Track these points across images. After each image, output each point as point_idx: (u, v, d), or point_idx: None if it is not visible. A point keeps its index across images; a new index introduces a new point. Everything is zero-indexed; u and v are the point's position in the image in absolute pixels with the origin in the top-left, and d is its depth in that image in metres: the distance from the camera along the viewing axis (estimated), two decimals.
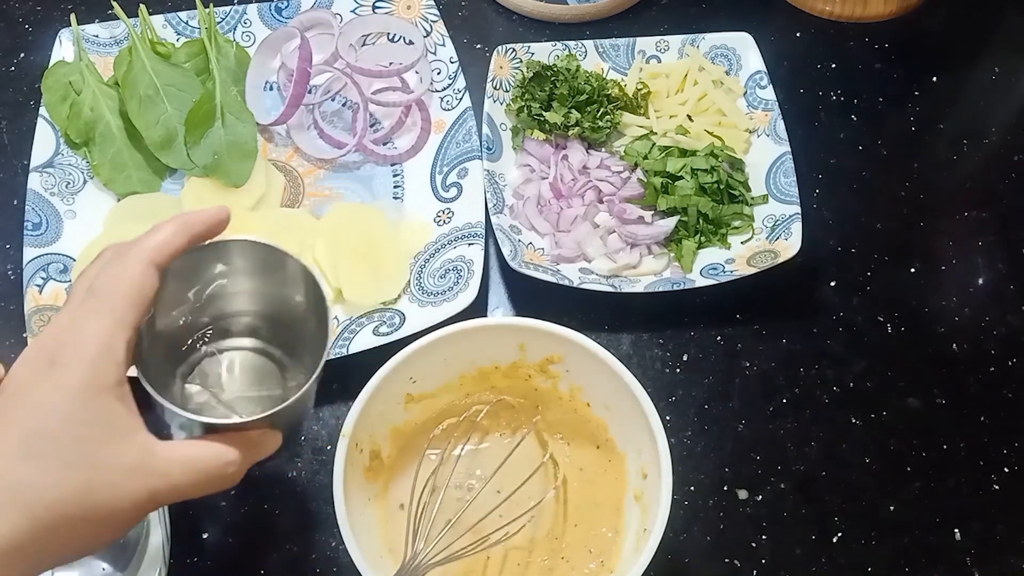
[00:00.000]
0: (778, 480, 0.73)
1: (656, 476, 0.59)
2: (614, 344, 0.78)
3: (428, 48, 0.89)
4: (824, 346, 0.78)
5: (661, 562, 0.57)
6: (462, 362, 0.66)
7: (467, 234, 0.79)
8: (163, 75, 0.85)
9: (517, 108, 0.85)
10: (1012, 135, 0.90)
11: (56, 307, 0.76)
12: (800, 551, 0.70)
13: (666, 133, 0.85)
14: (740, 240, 0.81)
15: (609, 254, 0.80)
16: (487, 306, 0.80)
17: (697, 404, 0.76)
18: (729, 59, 0.89)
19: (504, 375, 0.68)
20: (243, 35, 0.91)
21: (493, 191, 0.81)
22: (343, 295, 0.78)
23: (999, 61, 0.95)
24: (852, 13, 0.97)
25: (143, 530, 0.66)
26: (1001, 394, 0.76)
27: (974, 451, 0.74)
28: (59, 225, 0.81)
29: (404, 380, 0.63)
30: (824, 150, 0.89)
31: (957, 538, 0.70)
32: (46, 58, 0.88)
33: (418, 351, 0.62)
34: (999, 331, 0.79)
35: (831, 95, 0.92)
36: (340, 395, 0.76)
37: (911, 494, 0.72)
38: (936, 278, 0.82)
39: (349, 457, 0.58)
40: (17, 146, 0.88)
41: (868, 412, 0.75)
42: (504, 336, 0.64)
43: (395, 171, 0.86)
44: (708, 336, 0.79)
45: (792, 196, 0.80)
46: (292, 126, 0.88)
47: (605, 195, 0.83)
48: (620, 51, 0.90)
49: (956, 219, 0.86)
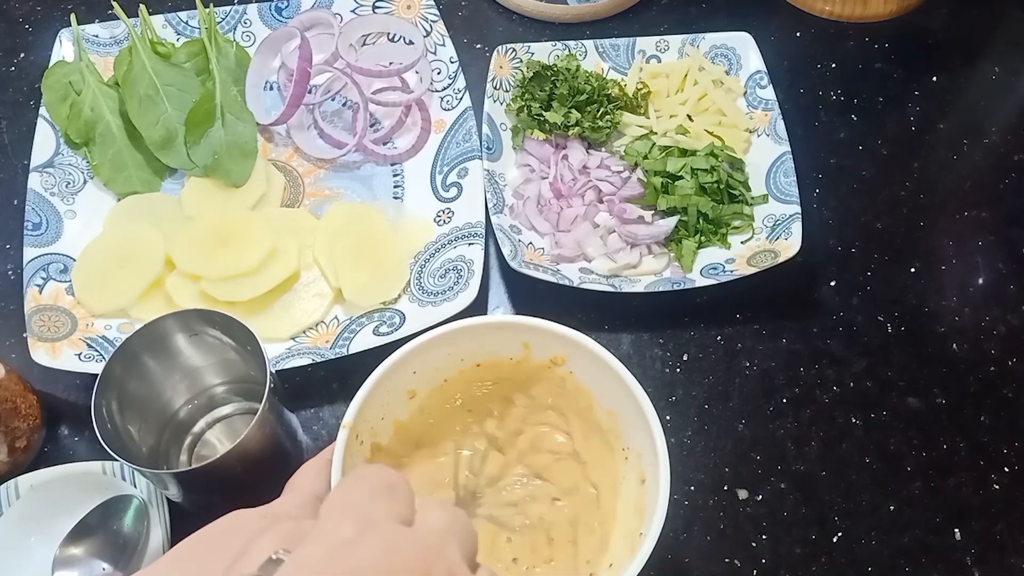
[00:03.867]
0: (778, 480, 0.73)
1: (655, 476, 0.59)
2: (614, 344, 0.78)
3: (428, 48, 0.89)
4: (824, 346, 0.78)
5: (661, 562, 0.57)
6: (467, 359, 0.66)
7: (467, 234, 0.79)
8: (163, 75, 0.85)
9: (517, 108, 0.85)
10: (1012, 135, 0.90)
11: (56, 307, 0.76)
12: (800, 551, 0.70)
13: (666, 133, 0.85)
14: (740, 240, 0.81)
15: (609, 254, 0.80)
16: (487, 306, 0.80)
17: (697, 404, 0.76)
18: (729, 59, 0.89)
19: (508, 373, 0.68)
20: (243, 35, 0.91)
21: (493, 191, 0.81)
22: (343, 295, 0.78)
23: (999, 61, 0.95)
24: (852, 13, 0.97)
25: (143, 530, 0.66)
26: (1001, 394, 0.76)
27: (974, 451, 0.74)
28: (59, 225, 0.81)
29: (407, 374, 0.63)
30: (824, 150, 0.89)
31: (957, 538, 0.70)
32: (46, 58, 0.88)
33: (423, 346, 0.62)
34: (999, 331, 0.79)
35: (831, 95, 0.92)
36: (340, 395, 0.76)
37: (911, 494, 0.72)
38: (936, 278, 0.82)
39: (349, 448, 0.58)
40: (17, 146, 0.88)
41: (868, 412, 0.75)
42: (510, 335, 0.64)
43: (395, 171, 0.86)
44: (708, 336, 0.79)
45: (792, 196, 0.80)
46: (292, 126, 0.88)
47: (605, 195, 0.83)
48: (620, 51, 0.90)
49: (956, 219, 0.86)
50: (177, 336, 0.67)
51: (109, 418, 0.62)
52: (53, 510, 0.67)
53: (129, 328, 0.75)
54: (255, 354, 0.64)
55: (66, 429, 0.75)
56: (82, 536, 0.66)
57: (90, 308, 0.77)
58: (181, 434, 0.72)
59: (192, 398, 0.72)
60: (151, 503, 0.67)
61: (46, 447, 0.74)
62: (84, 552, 0.66)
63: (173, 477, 0.62)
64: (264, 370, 0.63)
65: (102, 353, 0.74)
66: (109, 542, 0.66)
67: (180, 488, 0.64)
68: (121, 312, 0.77)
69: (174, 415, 0.71)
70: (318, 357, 0.74)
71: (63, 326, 0.75)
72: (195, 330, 0.67)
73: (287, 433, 0.70)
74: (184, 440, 0.72)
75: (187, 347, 0.68)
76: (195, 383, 0.71)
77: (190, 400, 0.72)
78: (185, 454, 0.72)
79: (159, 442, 0.70)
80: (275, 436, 0.66)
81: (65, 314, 0.76)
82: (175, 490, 0.64)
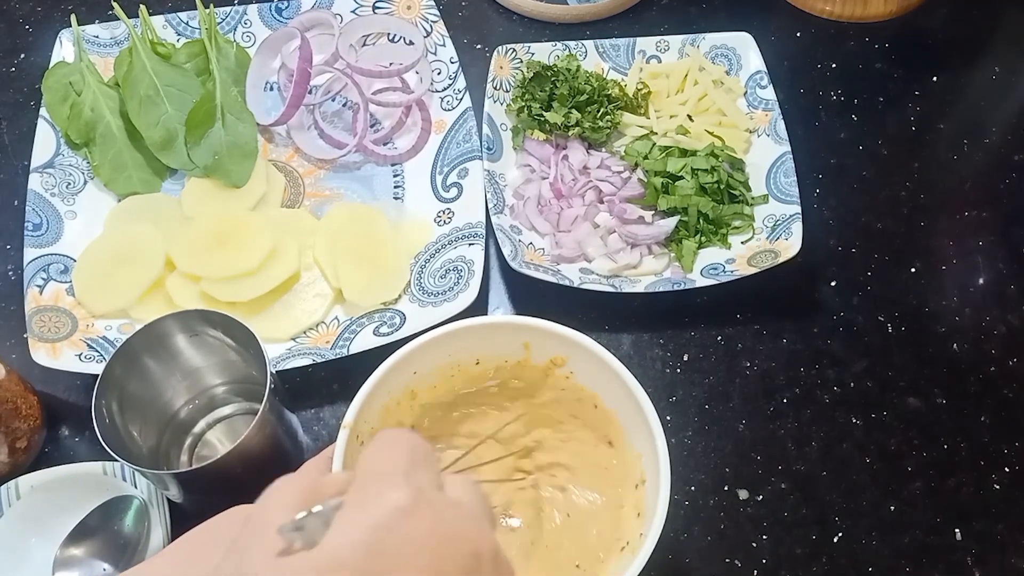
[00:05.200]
0: (778, 480, 0.73)
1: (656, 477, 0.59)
2: (614, 344, 0.78)
3: (428, 48, 0.89)
4: (824, 346, 0.78)
5: (661, 562, 0.57)
6: (467, 359, 0.66)
7: (467, 234, 0.79)
8: (163, 75, 0.85)
9: (517, 108, 0.85)
10: (1012, 135, 0.90)
11: (56, 307, 0.76)
12: (800, 551, 0.70)
13: (666, 133, 0.85)
14: (740, 240, 0.81)
15: (609, 254, 0.80)
16: (487, 306, 0.80)
17: (697, 404, 0.76)
18: (729, 59, 0.89)
19: (509, 374, 0.68)
20: (243, 35, 0.91)
21: (493, 191, 0.81)
22: (343, 295, 0.78)
23: (999, 61, 0.95)
24: (852, 13, 0.97)
25: (144, 530, 0.66)
26: (1001, 394, 0.76)
27: (974, 451, 0.74)
28: (60, 225, 0.81)
29: (408, 375, 0.63)
30: (824, 150, 0.89)
31: (957, 538, 0.70)
32: (46, 59, 0.88)
33: (423, 346, 0.62)
34: (999, 331, 0.79)
35: (831, 95, 0.92)
36: (340, 395, 0.76)
37: (911, 494, 0.72)
38: (936, 278, 0.82)
39: (349, 448, 0.58)
40: (17, 146, 0.88)
41: (868, 412, 0.75)
42: (510, 335, 0.64)
43: (395, 171, 0.86)
44: (708, 336, 0.79)
45: (792, 196, 0.80)
46: (292, 126, 0.88)
47: (605, 195, 0.83)
48: (620, 51, 0.90)
49: (956, 219, 0.86)
50: (177, 336, 0.67)
51: (110, 418, 0.62)
52: (54, 511, 0.67)
53: (129, 328, 0.75)
54: (255, 354, 0.64)
55: (67, 430, 0.75)
56: (83, 537, 0.66)
57: (90, 309, 0.77)
58: (182, 434, 0.72)
59: (192, 398, 0.72)
60: (152, 504, 0.67)
61: (47, 448, 0.74)
62: (85, 553, 0.66)
63: (174, 478, 0.62)
64: (264, 370, 0.63)
65: (102, 354, 0.74)
66: (110, 543, 0.66)
67: (181, 489, 0.64)
68: (121, 313, 0.77)
69: (175, 415, 0.71)
70: (318, 357, 0.74)
71: (63, 327, 0.75)
72: (195, 330, 0.67)
73: (287, 433, 0.70)
74: (185, 440, 0.72)
75: (187, 347, 0.68)
76: (195, 383, 0.71)
77: (190, 400, 0.72)
78: (186, 454, 0.72)
79: (160, 442, 0.70)
80: (275, 436, 0.66)
81: (65, 315, 0.76)
82: (175, 491, 0.64)
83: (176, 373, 0.69)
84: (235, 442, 0.60)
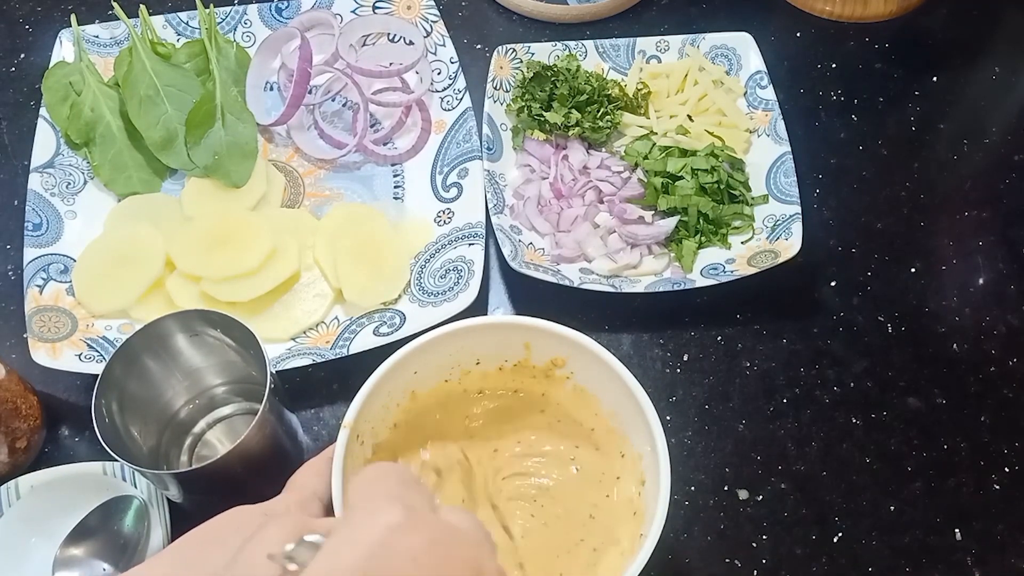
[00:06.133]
0: (778, 480, 0.73)
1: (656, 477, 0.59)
2: (614, 344, 0.78)
3: (428, 48, 0.89)
4: (824, 346, 0.78)
5: (661, 562, 0.57)
6: (467, 359, 0.66)
7: (467, 234, 0.79)
8: (163, 76, 0.85)
9: (517, 108, 0.85)
10: (1012, 135, 0.90)
11: (57, 307, 0.76)
12: (800, 551, 0.70)
13: (666, 133, 0.85)
14: (740, 240, 0.81)
15: (609, 254, 0.80)
16: (487, 306, 0.80)
17: (697, 404, 0.76)
18: (729, 59, 0.89)
19: (509, 374, 0.68)
20: (243, 35, 0.91)
21: (493, 191, 0.81)
22: (343, 295, 0.78)
23: (999, 61, 0.95)
24: (852, 13, 0.97)
25: (144, 530, 0.66)
26: (1001, 394, 0.76)
27: (974, 451, 0.74)
28: (60, 225, 0.81)
29: (408, 375, 0.63)
30: (824, 150, 0.89)
31: (957, 538, 0.70)
32: (46, 58, 0.88)
33: (423, 346, 0.62)
34: (999, 331, 0.79)
35: (831, 95, 0.92)
36: (341, 395, 0.76)
37: (911, 494, 0.72)
38: (936, 278, 0.82)
39: (349, 448, 0.58)
40: (17, 146, 0.88)
41: (868, 412, 0.75)
42: (510, 335, 0.64)
43: (395, 171, 0.86)
44: (708, 336, 0.79)
45: (792, 196, 0.80)
46: (292, 126, 0.88)
47: (605, 195, 0.83)
48: (620, 51, 0.90)
49: (956, 219, 0.86)
50: (177, 336, 0.67)
51: (109, 418, 0.62)
52: (53, 510, 0.67)
53: (129, 328, 0.75)
54: (255, 354, 0.64)
55: (67, 430, 0.75)
56: (82, 537, 0.66)
57: (90, 309, 0.77)
58: (181, 434, 0.72)
59: (192, 398, 0.72)
60: (151, 503, 0.67)
61: (46, 448, 0.74)
62: (85, 553, 0.66)
63: (173, 477, 0.62)
64: (264, 370, 0.63)
65: (102, 354, 0.74)
66: (109, 543, 0.66)
67: (180, 489, 0.64)
68: (121, 313, 0.77)
69: (174, 415, 0.71)
70: (318, 357, 0.74)
71: (63, 327, 0.75)
72: (195, 330, 0.67)
73: (287, 433, 0.70)
74: (184, 440, 0.72)
75: (187, 347, 0.68)
76: (195, 383, 0.71)
77: (190, 400, 0.72)
78: (186, 454, 0.72)
79: (159, 442, 0.70)
80: (275, 436, 0.66)
81: (65, 315, 0.76)
82: (175, 491, 0.64)
83: (176, 373, 0.69)
84: (235, 442, 0.60)
